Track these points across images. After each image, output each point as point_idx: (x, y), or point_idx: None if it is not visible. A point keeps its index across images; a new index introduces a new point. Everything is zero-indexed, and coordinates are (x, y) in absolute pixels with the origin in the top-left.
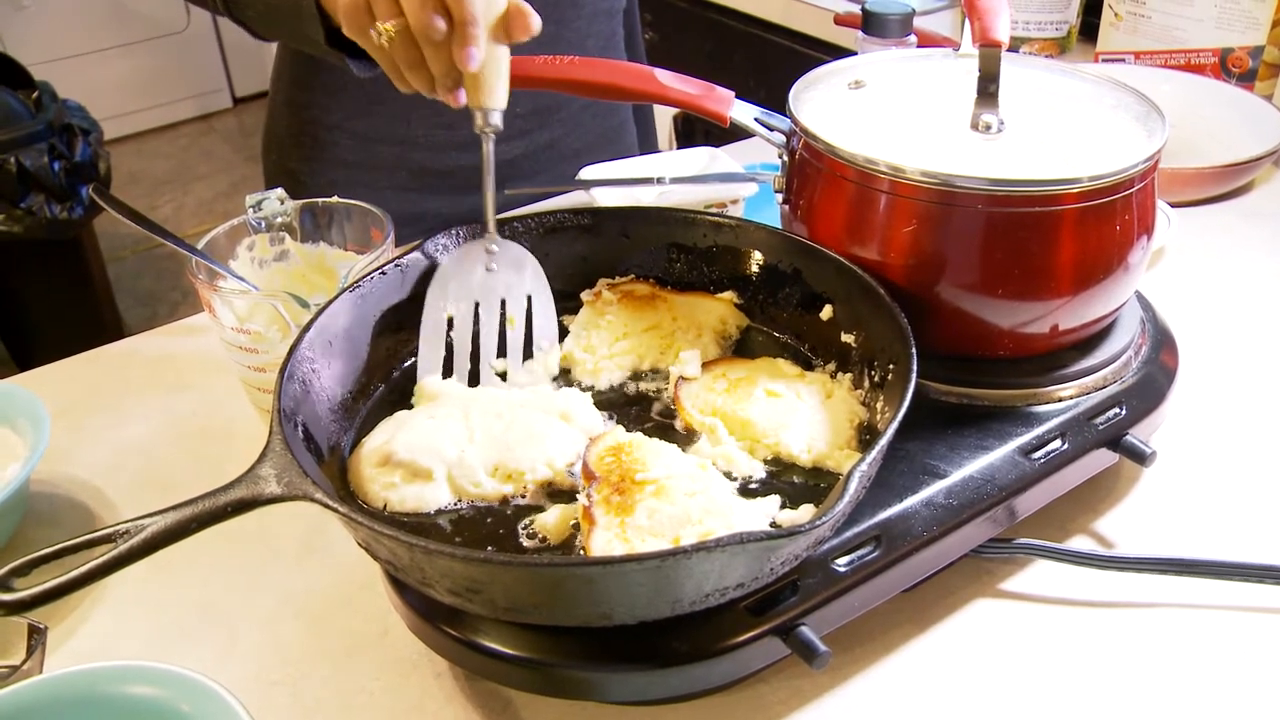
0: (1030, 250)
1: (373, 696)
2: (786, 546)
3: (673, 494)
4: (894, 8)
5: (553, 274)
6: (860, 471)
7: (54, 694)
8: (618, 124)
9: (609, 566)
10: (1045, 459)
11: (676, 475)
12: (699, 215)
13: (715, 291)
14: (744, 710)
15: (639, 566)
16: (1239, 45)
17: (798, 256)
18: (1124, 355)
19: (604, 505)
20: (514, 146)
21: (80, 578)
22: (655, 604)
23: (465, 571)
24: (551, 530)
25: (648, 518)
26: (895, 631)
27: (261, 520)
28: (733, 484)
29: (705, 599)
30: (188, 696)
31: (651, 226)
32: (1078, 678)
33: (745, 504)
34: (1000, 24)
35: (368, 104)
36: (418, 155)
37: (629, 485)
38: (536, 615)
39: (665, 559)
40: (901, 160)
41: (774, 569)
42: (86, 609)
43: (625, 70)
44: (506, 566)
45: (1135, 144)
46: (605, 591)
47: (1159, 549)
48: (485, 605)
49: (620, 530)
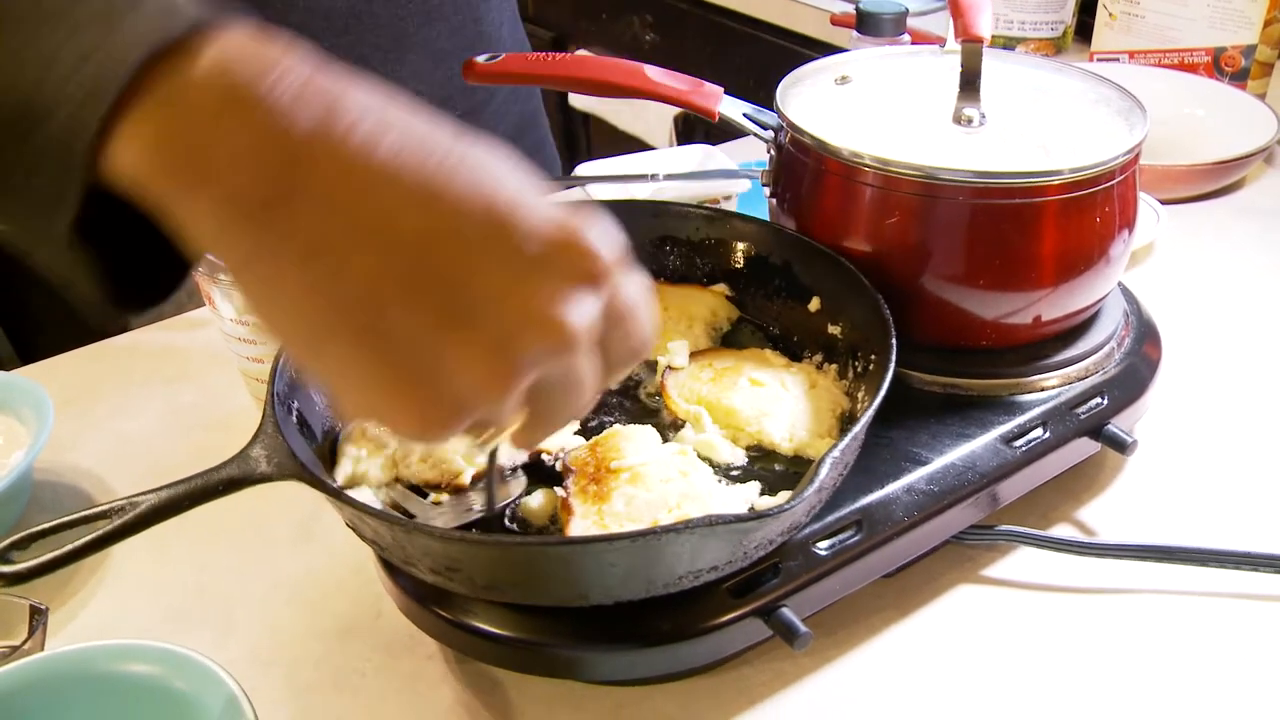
0: (1012, 241)
1: (365, 677)
2: (757, 530)
3: (649, 481)
4: (887, 7)
5: None
6: (832, 457)
7: (52, 671)
8: (532, 109)
9: (578, 546)
10: (1027, 447)
11: (653, 462)
12: (692, 209)
13: (708, 284)
14: (729, 692)
15: (609, 547)
16: (1232, 44)
17: (787, 249)
18: (1106, 346)
19: (581, 495)
20: None
21: (77, 550)
22: (629, 585)
23: (443, 550)
24: (535, 514)
25: (625, 504)
26: (877, 616)
27: (258, 507)
28: (713, 471)
29: (679, 581)
30: (183, 674)
31: (645, 219)
32: (1058, 661)
33: (724, 490)
34: (982, 20)
35: None
36: None
37: (605, 474)
38: (514, 594)
39: (636, 540)
40: (886, 153)
41: (748, 553)
42: (87, 593)
43: (615, 67)
44: (480, 546)
45: (1116, 137)
46: (578, 572)
47: (1139, 537)
48: (465, 584)
49: (598, 517)
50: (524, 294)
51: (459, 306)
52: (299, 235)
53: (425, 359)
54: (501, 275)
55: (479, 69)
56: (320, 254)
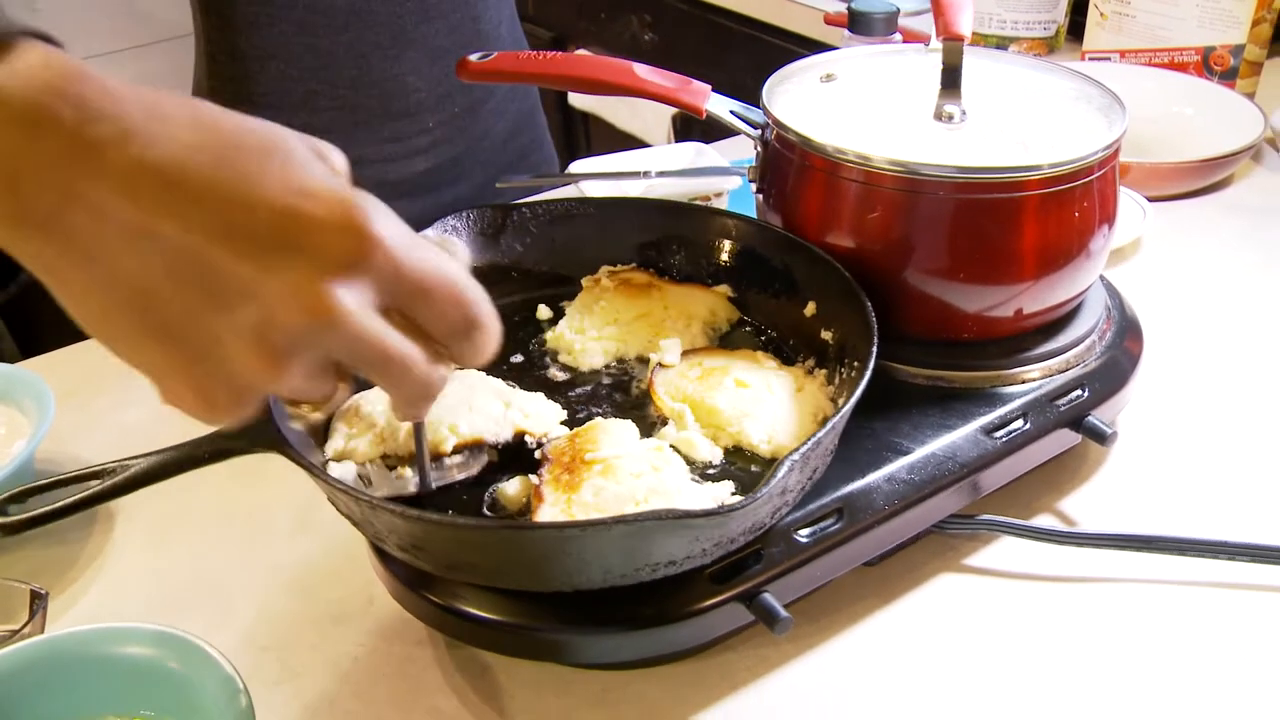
0: (993, 236)
1: (357, 662)
2: (707, 528)
3: (620, 473)
4: (878, 7)
5: (559, 260)
6: (791, 460)
7: (51, 653)
8: (530, 107)
9: (525, 531)
10: (1007, 438)
11: (626, 456)
12: (700, 208)
13: (711, 284)
14: (713, 677)
15: (559, 534)
16: (1220, 44)
17: (788, 253)
18: (1088, 340)
19: (553, 484)
20: (455, 145)
21: (70, 505)
22: (585, 573)
23: (406, 528)
24: (511, 500)
25: (593, 495)
26: (860, 604)
27: (256, 499)
28: (690, 469)
29: (636, 572)
30: (179, 656)
31: (654, 217)
32: (1038, 647)
33: (696, 488)
34: (963, 19)
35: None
36: (369, 171)
37: (578, 465)
38: (476, 575)
39: (585, 529)
40: (868, 149)
41: (708, 550)
42: (87, 579)
43: (604, 65)
44: (436, 525)
45: (1096, 134)
46: (531, 556)
47: (1120, 527)
48: (431, 561)
49: (566, 506)
50: (281, 278)
51: (225, 295)
52: (76, 243)
53: (201, 347)
54: (259, 262)
55: (472, 67)
56: (96, 259)
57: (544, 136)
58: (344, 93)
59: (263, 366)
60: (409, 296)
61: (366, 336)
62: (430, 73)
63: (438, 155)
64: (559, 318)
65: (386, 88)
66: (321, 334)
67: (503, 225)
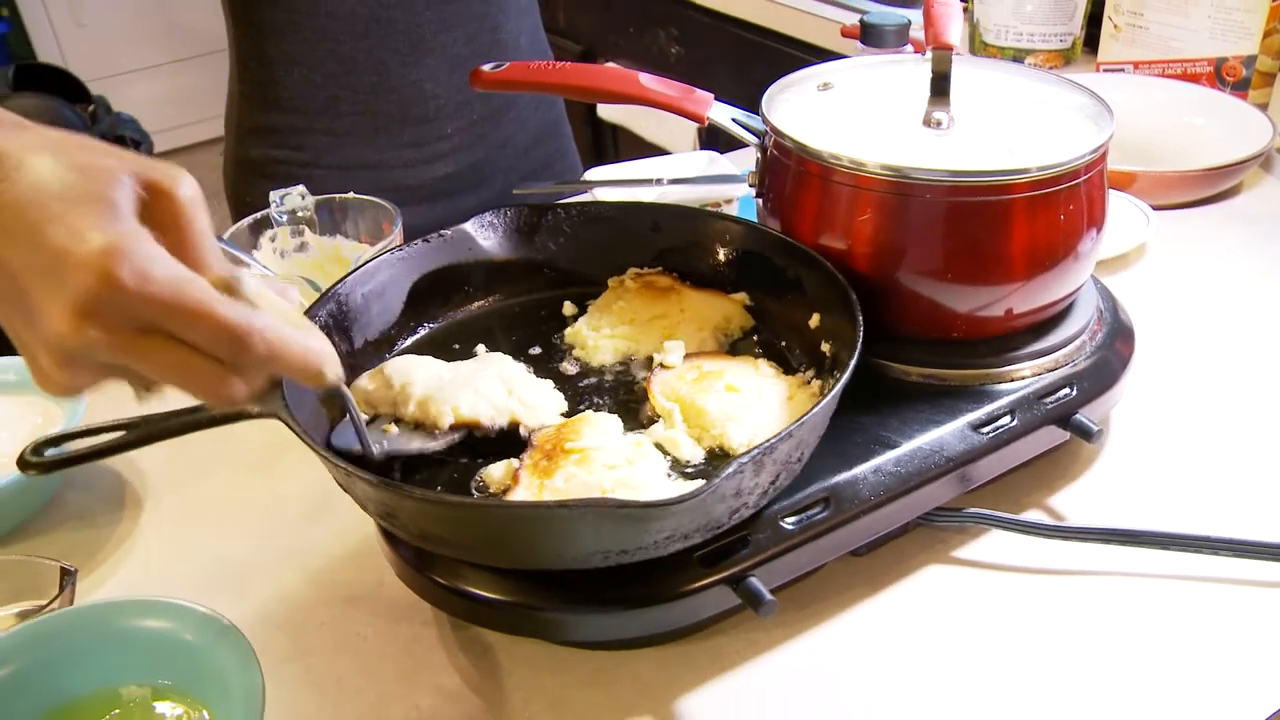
0: (982, 238)
1: (366, 640)
2: (646, 520)
3: (594, 464)
4: (890, 20)
5: (589, 260)
6: (740, 461)
7: (76, 624)
8: (554, 118)
9: (472, 510)
10: (994, 433)
11: (605, 448)
12: (723, 216)
13: (731, 291)
14: (704, 659)
15: (504, 514)
16: (1233, 55)
17: (800, 265)
18: (1077, 340)
19: (531, 469)
20: (475, 151)
21: (93, 452)
22: (536, 553)
23: (378, 497)
24: (495, 482)
25: (564, 482)
26: (849, 593)
27: (276, 489)
28: (670, 466)
29: (588, 558)
30: (197, 630)
31: (680, 222)
32: (1025, 638)
33: (668, 484)
34: (952, 29)
35: (338, 138)
36: (391, 175)
37: (558, 453)
38: (445, 547)
39: (525, 510)
40: (861, 154)
41: (658, 542)
42: (115, 562)
43: (610, 74)
44: (402, 496)
45: (1083, 139)
46: (481, 533)
47: (1107, 522)
48: (404, 530)
49: (537, 491)
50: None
51: (29, 314)
52: None
53: (28, 349)
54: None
55: (485, 76)
56: None
57: (569, 146)
58: (364, 98)
59: (57, 369)
60: (163, 318)
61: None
62: (449, 80)
63: (457, 161)
64: (582, 314)
65: (405, 94)
66: (90, 350)
67: (537, 224)
